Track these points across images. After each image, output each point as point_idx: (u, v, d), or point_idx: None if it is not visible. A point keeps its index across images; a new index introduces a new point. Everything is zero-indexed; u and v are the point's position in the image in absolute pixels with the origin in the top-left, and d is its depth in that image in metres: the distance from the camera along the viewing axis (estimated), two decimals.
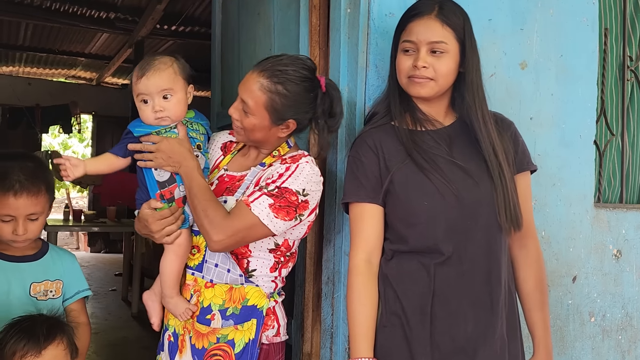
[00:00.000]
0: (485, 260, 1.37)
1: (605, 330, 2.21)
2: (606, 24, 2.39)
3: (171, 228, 1.44)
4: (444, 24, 1.35)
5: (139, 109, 1.46)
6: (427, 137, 1.42)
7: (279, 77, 1.41)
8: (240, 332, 1.43)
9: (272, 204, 1.36)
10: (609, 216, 2.22)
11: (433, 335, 1.37)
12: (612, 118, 2.43)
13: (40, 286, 1.55)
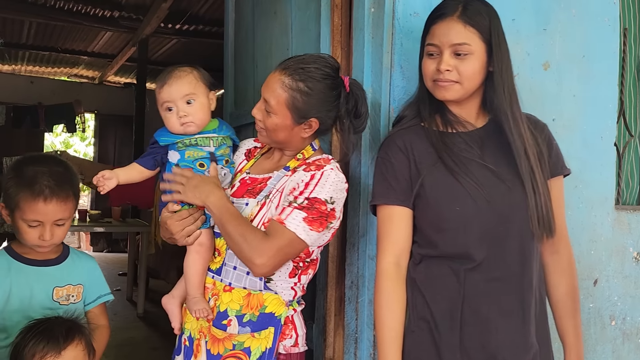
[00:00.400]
0: (518, 267, 1.35)
1: (625, 334, 2.19)
2: (625, 23, 2.37)
3: (191, 228, 1.44)
4: (466, 24, 1.31)
5: (164, 119, 1.48)
6: (459, 140, 1.38)
7: (301, 74, 1.40)
8: (257, 341, 1.41)
9: (306, 217, 1.34)
10: (629, 218, 2.20)
11: (463, 342, 1.34)
12: (630, 119, 2.41)
13: (62, 290, 1.53)
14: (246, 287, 1.43)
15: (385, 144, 1.44)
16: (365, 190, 1.62)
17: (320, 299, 1.75)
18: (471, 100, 1.40)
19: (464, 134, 1.40)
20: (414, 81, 1.60)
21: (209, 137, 1.50)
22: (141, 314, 5.06)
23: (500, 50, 1.35)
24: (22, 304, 1.47)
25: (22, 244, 1.52)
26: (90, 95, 8.80)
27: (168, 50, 7.47)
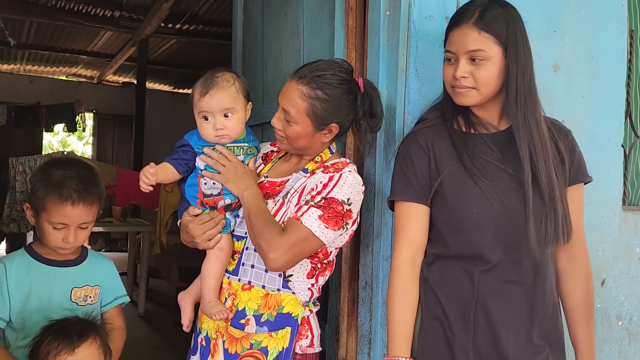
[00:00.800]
0: (532, 272, 1.35)
1: (631, 334, 2.21)
2: (632, 25, 2.39)
3: (212, 232, 1.45)
4: (481, 31, 1.31)
5: (198, 125, 1.47)
6: (480, 141, 1.39)
7: (318, 82, 1.41)
8: (274, 340, 1.42)
9: (322, 215, 1.36)
10: (636, 219, 2.22)
11: (476, 343, 1.35)
12: (637, 120, 2.43)
13: (80, 291, 1.54)
14: (265, 286, 1.45)
15: (406, 141, 1.44)
16: (380, 192, 1.63)
17: (333, 299, 1.76)
18: (494, 102, 1.40)
19: (486, 136, 1.40)
20: (429, 84, 1.62)
21: (240, 146, 1.51)
22: (142, 314, 5.06)
23: (516, 54, 1.33)
24: (41, 304, 1.48)
25: (42, 245, 1.53)
26: (88, 95, 8.78)
27: (168, 50, 7.47)
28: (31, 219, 1.49)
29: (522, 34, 1.36)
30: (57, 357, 1.35)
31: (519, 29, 1.35)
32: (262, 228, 1.38)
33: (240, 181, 1.45)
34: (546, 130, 1.38)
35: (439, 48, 1.64)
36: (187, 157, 1.48)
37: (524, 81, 1.35)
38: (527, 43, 1.37)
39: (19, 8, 5.70)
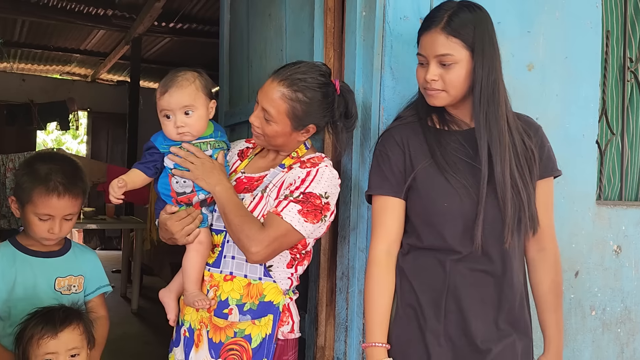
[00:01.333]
0: (500, 262, 1.42)
1: (605, 324, 2.28)
2: (608, 26, 2.46)
3: (190, 227, 1.49)
4: (449, 35, 1.35)
5: (162, 124, 1.52)
6: (453, 138, 1.45)
7: (299, 85, 1.47)
8: (257, 327, 1.48)
9: (301, 209, 1.42)
10: (610, 213, 2.29)
11: (447, 329, 1.42)
12: (612, 118, 2.50)
13: (64, 281, 1.59)
14: (247, 275, 1.50)
15: (383, 137, 1.50)
16: (356, 186, 1.69)
17: (312, 290, 1.82)
18: (466, 101, 1.44)
19: (458, 133, 1.46)
20: (404, 82, 1.68)
21: (207, 141, 1.55)
22: (135, 310, 5.10)
23: (482, 57, 1.37)
24: (27, 293, 1.53)
25: (26, 237, 1.58)
26: (82, 93, 8.81)
27: (161, 49, 7.51)
28: (16, 212, 1.55)
29: (490, 36, 1.39)
30: (40, 340, 1.41)
31: (487, 32, 1.39)
32: (241, 223, 1.43)
33: (210, 177, 1.49)
34: (509, 128, 1.41)
35: (414, 48, 1.69)
36: (154, 158, 1.51)
37: (488, 82, 1.39)
38: (495, 45, 1.41)
39: (11, 7, 5.72)
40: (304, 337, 1.84)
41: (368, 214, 1.67)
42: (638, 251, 2.39)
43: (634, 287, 2.38)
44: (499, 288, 1.43)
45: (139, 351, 4.02)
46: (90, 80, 9.15)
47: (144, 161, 1.53)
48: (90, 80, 9.16)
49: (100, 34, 6.97)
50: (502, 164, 1.38)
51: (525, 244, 1.52)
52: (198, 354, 1.52)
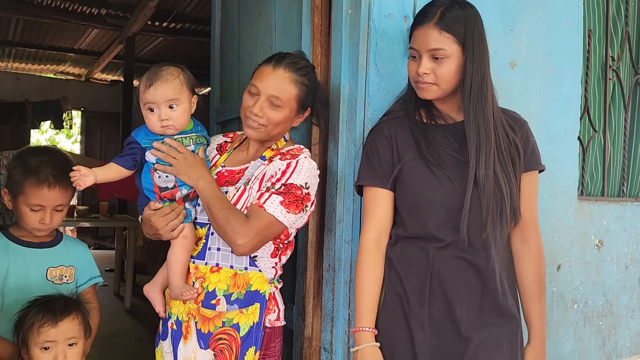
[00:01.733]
0: (483, 251, 1.47)
1: (587, 317, 2.33)
2: (590, 25, 2.51)
3: (174, 223, 1.52)
4: (442, 30, 1.41)
5: (145, 117, 1.53)
6: (439, 132, 1.51)
7: (302, 70, 1.56)
8: (244, 316, 1.51)
9: (283, 200, 1.46)
10: (592, 208, 2.34)
11: (431, 315, 1.47)
12: (594, 115, 2.56)
13: (56, 271, 1.63)
14: (233, 266, 1.54)
15: (373, 131, 1.57)
16: (342, 179, 1.74)
17: (300, 281, 1.86)
18: (454, 96, 1.50)
19: (444, 127, 1.52)
20: (388, 78, 1.73)
21: (189, 136, 1.57)
22: (128, 308, 5.12)
23: (472, 53, 1.42)
24: (19, 283, 1.57)
25: (18, 228, 1.62)
26: (76, 93, 8.81)
27: (155, 48, 7.53)
28: (8, 204, 1.59)
29: (480, 33, 1.45)
30: (40, 328, 1.45)
31: (477, 29, 1.44)
32: (226, 217, 1.46)
33: (193, 171, 1.51)
34: (494, 123, 1.47)
35: (398, 45, 1.75)
36: (133, 152, 1.53)
37: (477, 77, 1.44)
38: (484, 41, 1.47)
39: (5, 5, 5.73)
40: (291, 328, 1.88)
41: (354, 207, 1.71)
42: (619, 246, 2.45)
43: (615, 281, 2.43)
44: (482, 276, 1.47)
45: (132, 348, 4.04)
46: (84, 79, 9.17)
47: (123, 155, 1.54)
48: (84, 79, 9.18)
49: (94, 33, 6.99)
50: (487, 156, 1.43)
51: (510, 236, 1.56)
52: (187, 346, 1.54)
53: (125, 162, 1.52)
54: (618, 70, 2.66)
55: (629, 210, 2.50)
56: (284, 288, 1.67)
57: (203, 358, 1.51)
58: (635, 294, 2.52)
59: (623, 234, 2.46)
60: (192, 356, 1.53)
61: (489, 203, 1.42)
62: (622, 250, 2.46)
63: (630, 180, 2.77)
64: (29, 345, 1.45)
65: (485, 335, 1.46)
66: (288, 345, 1.93)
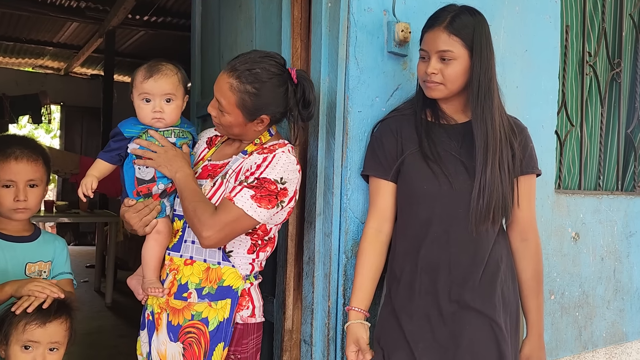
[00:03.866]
0: (472, 244, 1.52)
1: (563, 307, 2.37)
2: (567, 21, 2.55)
3: (147, 219, 1.53)
4: (451, 34, 1.49)
5: (137, 107, 1.55)
6: (441, 131, 1.58)
7: (248, 76, 1.48)
8: (214, 311, 1.51)
9: (254, 195, 1.45)
10: (568, 201, 2.38)
11: (422, 308, 1.52)
12: (572, 110, 2.60)
13: (35, 266, 1.61)
14: (206, 260, 1.53)
15: (380, 126, 1.67)
16: (322, 173, 1.74)
17: (280, 275, 1.86)
18: (458, 98, 1.58)
19: (447, 127, 1.59)
20: (368, 72, 1.73)
21: (172, 129, 1.59)
22: (109, 304, 5.09)
23: (480, 56, 1.51)
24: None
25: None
26: (55, 87, 8.69)
27: (135, 42, 7.44)
28: None
29: (487, 38, 1.53)
30: (27, 325, 1.41)
31: (484, 34, 1.53)
32: (195, 208, 1.46)
33: (172, 164, 1.52)
34: (501, 124, 1.54)
35: (377, 39, 1.76)
36: (119, 146, 1.56)
37: (485, 79, 1.53)
38: (491, 46, 1.54)
39: None
40: (272, 321, 1.89)
41: (334, 200, 1.72)
42: (595, 238, 2.50)
43: (592, 273, 2.48)
44: (472, 269, 1.52)
45: (114, 344, 4.02)
46: (64, 73, 9.03)
47: (109, 149, 1.56)
48: (63, 73, 9.04)
49: (73, 26, 6.89)
50: (493, 155, 1.50)
51: (509, 235, 1.64)
52: (159, 337, 1.55)
53: (111, 158, 1.56)
54: (595, 65, 2.70)
55: (605, 203, 2.55)
56: (264, 281, 1.67)
57: (173, 350, 1.52)
58: (610, 285, 2.58)
59: (599, 226, 2.51)
60: (163, 348, 1.54)
61: (491, 199, 1.49)
62: (598, 243, 2.51)
63: (605, 173, 2.83)
64: (9, 341, 1.41)
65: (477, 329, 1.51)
66: (269, 338, 1.94)
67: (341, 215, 1.70)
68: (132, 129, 1.56)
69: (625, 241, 2.65)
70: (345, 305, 1.70)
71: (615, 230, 2.59)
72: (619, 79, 2.84)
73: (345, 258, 1.70)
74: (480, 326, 1.51)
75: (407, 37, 1.75)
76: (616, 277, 2.60)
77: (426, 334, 1.51)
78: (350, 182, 1.70)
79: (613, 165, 2.86)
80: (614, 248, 2.59)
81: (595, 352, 2.54)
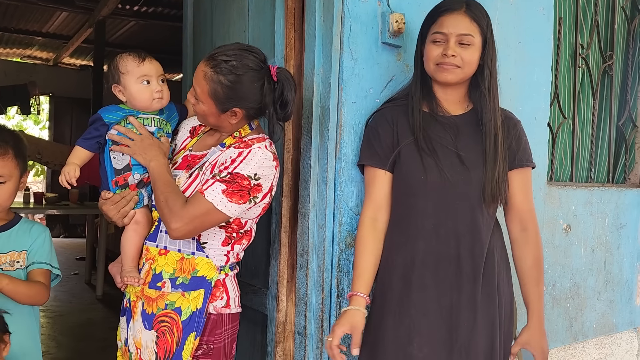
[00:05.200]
0: (469, 236, 1.53)
1: (555, 299, 2.39)
2: (560, 13, 2.55)
3: (125, 210, 1.55)
4: (472, 19, 1.52)
5: (137, 91, 1.56)
6: (436, 123, 1.58)
7: (223, 68, 1.46)
8: (187, 301, 1.51)
9: (225, 189, 1.44)
10: (560, 193, 2.39)
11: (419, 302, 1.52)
12: (564, 102, 2.60)
13: (5, 257, 1.57)
14: (180, 250, 1.54)
15: (376, 115, 1.67)
16: (316, 164, 1.73)
17: (273, 267, 1.86)
18: (458, 88, 1.60)
19: (443, 118, 1.59)
20: (362, 62, 1.72)
21: (152, 117, 1.61)
22: (100, 297, 5.07)
23: (492, 45, 1.56)
24: None
25: None
26: (44, 78, 8.60)
27: (126, 32, 7.38)
28: None
29: (492, 31, 1.57)
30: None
31: (491, 26, 1.57)
32: (166, 199, 1.46)
33: (147, 152, 1.53)
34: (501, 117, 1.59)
35: (372, 29, 1.75)
36: (100, 133, 1.56)
37: (494, 71, 1.59)
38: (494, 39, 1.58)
39: None
40: (265, 313, 1.88)
41: (328, 192, 1.71)
42: (586, 230, 2.51)
43: (583, 264, 2.50)
44: (467, 260, 1.53)
45: (105, 337, 3.99)
46: (53, 64, 8.94)
47: (88, 137, 1.57)
48: (52, 64, 8.95)
49: (62, 16, 6.81)
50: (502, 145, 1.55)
51: (509, 226, 1.66)
52: (134, 325, 1.57)
53: (89, 146, 1.57)
54: (587, 58, 2.71)
55: (596, 195, 2.57)
56: (258, 273, 1.67)
57: (147, 338, 1.54)
58: (601, 277, 2.60)
59: (590, 218, 2.53)
60: (138, 335, 1.56)
61: (494, 188, 1.52)
62: (589, 234, 2.53)
63: (597, 165, 2.84)
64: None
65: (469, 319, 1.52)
66: (262, 329, 1.94)
67: (335, 206, 1.70)
68: (113, 115, 1.57)
69: (616, 233, 2.67)
70: (339, 297, 1.70)
71: (606, 222, 2.61)
72: (610, 72, 2.85)
73: (339, 250, 1.70)
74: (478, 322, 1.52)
75: (401, 28, 1.74)
76: (607, 268, 2.62)
77: (423, 328, 1.51)
78: (344, 173, 1.70)
79: (604, 157, 2.88)
80: (604, 240, 2.61)
81: (586, 342, 2.56)
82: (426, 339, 1.51)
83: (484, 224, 1.55)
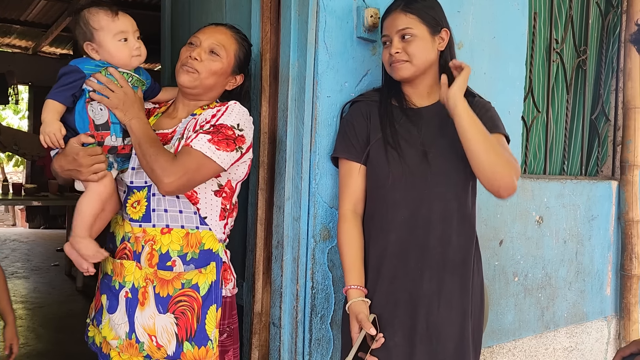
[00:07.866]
0: (440, 225, 1.56)
1: (527, 289, 2.45)
2: (535, 8, 2.59)
3: (100, 166, 1.46)
4: (407, 13, 1.57)
5: (115, 49, 1.48)
6: (404, 117, 1.62)
7: (242, 35, 1.65)
8: (203, 276, 1.50)
9: (211, 138, 1.44)
10: (533, 186, 2.44)
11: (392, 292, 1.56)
12: (538, 96, 2.65)
13: None
14: (184, 226, 1.52)
15: (351, 109, 1.71)
16: (291, 157, 1.75)
17: (249, 259, 1.88)
18: (423, 81, 1.63)
19: (410, 111, 1.63)
20: (337, 57, 1.74)
21: (131, 74, 1.53)
22: (80, 288, 5.05)
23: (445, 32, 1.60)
24: None
25: None
26: (23, 67, 8.44)
27: None
28: None
29: (442, 15, 1.62)
30: None
31: (439, 12, 1.61)
32: (155, 154, 1.42)
33: (129, 109, 1.47)
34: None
35: (347, 24, 1.76)
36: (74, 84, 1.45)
37: (453, 54, 1.65)
38: (447, 24, 1.62)
39: None
40: (241, 304, 1.90)
41: (302, 185, 1.73)
42: (558, 221, 2.57)
43: (554, 255, 2.56)
44: (437, 250, 1.56)
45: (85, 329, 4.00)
46: (32, 52, 8.78)
47: (62, 88, 1.44)
48: (31, 52, 8.79)
49: (41, 4, 6.68)
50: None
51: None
52: (144, 312, 1.49)
53: (65, 98, 1.43)
54: (561, 52, 2.75)
55: (568, 187, 2.62)
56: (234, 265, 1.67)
57: (163, 322, 1.48)
58: (572, 267, 2.66)
59: (562, 210, 2.58)
60: (151, 322, 1.49)
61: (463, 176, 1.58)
62: (561, 226, 2.58)
63: (570, 159, 2.90)
64: None
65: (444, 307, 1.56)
66: (239, 321, 1.96)
67: (310, 199, 1.72)
68: (91, 65, 1.47)
69: (587, 224, 2.73)
70: (314, 289, 1.72)
71: (578, 214, 2.67)
72: (584, 66, 2.90)
73: (313, 242, 1.72)
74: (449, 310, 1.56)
75: (376, 23, 1.76)
76: (578, 259, 2.68)
77: (394, 318, 1.54)
78: (319, 166, 1.72)
79: (578, 150, 2.94)
80: (576, 231, 2.67)
81: (557, 331, 2.63)
82: (397, 327, 1.54)
83: (456, 213, 1.58)
